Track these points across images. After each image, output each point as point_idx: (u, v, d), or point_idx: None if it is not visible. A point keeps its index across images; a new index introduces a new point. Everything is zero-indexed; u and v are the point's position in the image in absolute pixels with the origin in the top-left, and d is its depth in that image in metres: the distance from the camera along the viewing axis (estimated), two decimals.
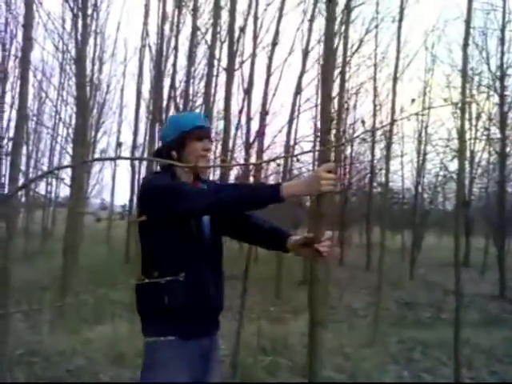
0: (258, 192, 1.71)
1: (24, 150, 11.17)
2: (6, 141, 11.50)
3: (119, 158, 1.59)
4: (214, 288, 1.91)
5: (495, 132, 12.08)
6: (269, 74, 5.24)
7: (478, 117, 13.64)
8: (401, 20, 6.20)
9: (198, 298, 1.82)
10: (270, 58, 5.07)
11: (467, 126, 13.35)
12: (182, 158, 1.91)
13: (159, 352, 1.79)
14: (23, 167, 11.32)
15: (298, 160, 8.04)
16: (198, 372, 1.85)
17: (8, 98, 12.00)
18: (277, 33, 5.57)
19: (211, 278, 1.89)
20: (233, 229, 2.04)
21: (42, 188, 13.68)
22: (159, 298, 1.76)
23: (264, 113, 5.00)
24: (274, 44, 5.35)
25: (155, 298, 1.77)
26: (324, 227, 1.79)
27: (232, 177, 9.73)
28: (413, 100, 1.51)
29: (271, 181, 13.78)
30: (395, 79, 6.14)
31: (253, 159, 6.35)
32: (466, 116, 12.98)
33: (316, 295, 1.84)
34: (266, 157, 9.82)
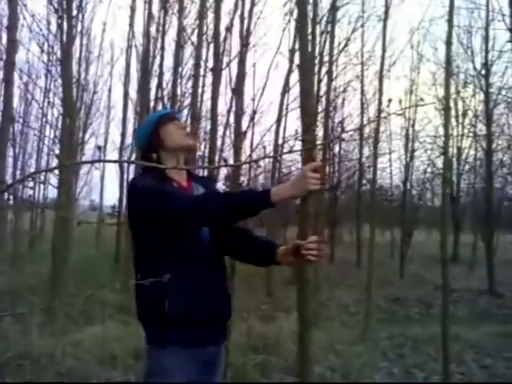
0: (247, 199, 1.67)
1: (11, 152, 11.07)
2: None
3: (101, 160, 1.57)
4: (218, 294, 1.84)
5: (481, 129, 12.22)
6: (243, 75, 5.17)
7: (465, 114, 13.78)
8: (386, 19, 6.25)
9: (201, 305, 1.74)
10: (242, 61, 4.98)
11: (454, 123, 13.50)
12: (163, 150, 1.88)
13: (163, 359, 1.74)
14: (10, 169, 11.22)
15: (278, 161, 8.03)
16: (202, 380, 1.80)
17: None
18: (247, 35, 5.56)
19: (212, 287, 1.81)
20: (225, 243, 1.93)
21: (29, 190, 13.55)
22: (160, 305, 1.68)
23: (241, 113, 4.99)
24: (246, 45, 5.34)
25: (156, 305, 1.70)
26: (311, 226, 1.79)
27: (221, 176, 9.74)
28: (389, 100, 1.53)
29: (261, 179, 13.82)
30: (381, 77, 6.19)
31: (243, 158, 6.35)
32: (453, 113, 13.13)
33: (305, 295, 1.82)
34: (255, 155, 9.87)
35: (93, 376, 3.73)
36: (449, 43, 3.81)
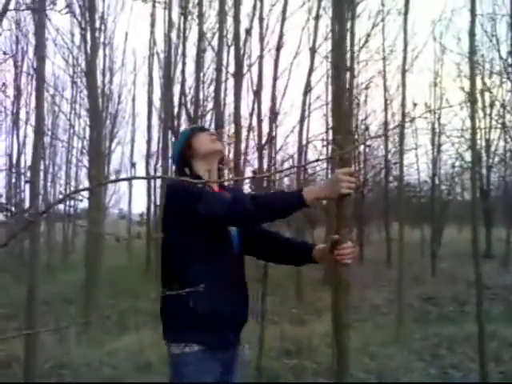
0: (281, 200, 1.72)
1: (42, 165, 11.33)
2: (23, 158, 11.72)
3: (134, 178, 1.61)
4: (239, 300, 1.90)
5: (510, 119, 11.92)
6: (275, 78, 5.25)
7: (492, 104, 13.44)
8: (406, 12, 6.15)
9: (223, 308, 1.79)
10: (276, 62, 5.09)
11: (481, 114, 13.17)
12: (195, 158, 1.98)
13: (185, 366, 1.78)
14: (42, 181, 11.48)
15: (305, 170, 8.00)
16: (221, 381, 1.84)
17: (22, 114, 12.22)
18: (281, 36, 5.58)
19: (236, 290, 1.88)
20: (259, 247, 2.02)
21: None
22: (184, 305, 1.72)
23: (273, 116, 5.01)
24: (279, 48, 5.36)
25: (180, 305, 1.74)
26: (346, 229, 1.80)
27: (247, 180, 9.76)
28: (414, 104, 1.52)
29: (287, 181, 13.79)
30: (404, 72, 6.11)
31: (266, 161, 6.35)
32: (479, 104, 12.82)
33: (340, 298, 1.84)
34: (279, 157, 9.85)
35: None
36: (472, 34, 3.73)
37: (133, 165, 13.99)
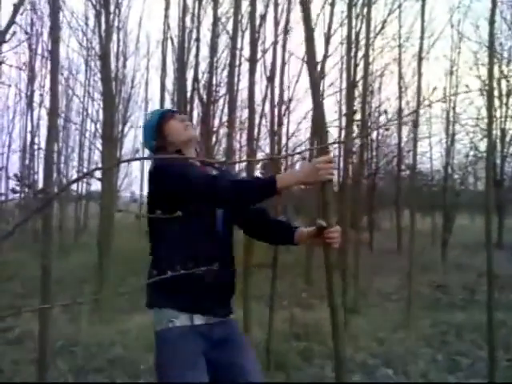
0: (252, 185, 1.76)
1: (55, 147, 11.42)
2: (37, 139, 11.83)
3: (151, 157, 1.64)
4: (223, 272, 1.84)
5: None
6: (283, 63, 5.26)
7: (509, 94, 13.26)
8: None
9: (205, 272, 1.67)
10: (284, 47, 5.11)
11: (497, 103, 13.00)
12: (170, 146, 1.98)
13: (164, 343, 1.80)
14: (54, 164, 11.58)
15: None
16: (212, 360, 1.82)
17: (36, 97, 12.30)
18: (287, 22, 5.58)
19: (220, 257, 1.82)
20: (248, 225, 2.09)
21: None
22: (161, 269, 1.67)
23: (281, 102, 5.01)
24: (286, 32, 5.36)
25: (158, 270, 1.71)
26: (330, 215, 1.86)
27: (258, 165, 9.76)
28: (434, 88, 1.51)
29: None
30: (420, 59, 6.03)
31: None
32: (496, 93, 12.64)
33: (332, 280, 1.90)
34: (291, 143, 9.84)
35: (140, 362, 3.86)
36: (492, 22, 3.66)
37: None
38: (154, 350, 1.85)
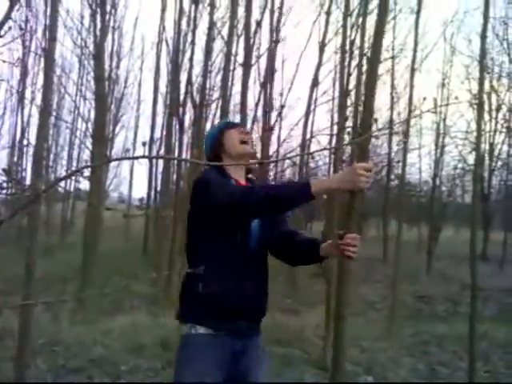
0: (287, 191, 1.68)
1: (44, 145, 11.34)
2: (26, 136, 11.75)
3: (144, 156, 1.64)
4: (252, 291, 1.85)
5: None
6: (272, 72, 5.30)
7: (498, 108, 13.43)
8: (419, 11, 6.15)
9: (231, 295, 1.77)
10: (272, 55, 5.13)
11: (487, 117, 13.17)
12: (225, 154, 1.96)
13: (186, 347, 1.80)
14: (44, 161, 11.50)
15: (313, 158, 8.04)
16: (228, 370, 1.80)
17: (28, 94, 12.23)
18: (277, 31, 5.63)
19: (250, 281, 1.84)
20: (277, 248, 1.98)
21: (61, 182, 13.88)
22: (194, 288, 1.77)
23: (269, 106, 5.05)
24: (276, 42, 5.41)
25: (190, 288, 1.80)
26: (354, 221, 1.84)
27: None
28: (424, 98, 1.54)
29: (288, 174, 13.81)
30: (413, 71, 6.12)
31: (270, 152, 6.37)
32: (486, 107, 12.80)
33: (342, 290, 1.87)
34: (282, 150, 9.88)
35: (121, 363, 3.84)
36: (484, 37, 3.73)
37: (143, 144, 13.90)
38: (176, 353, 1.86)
